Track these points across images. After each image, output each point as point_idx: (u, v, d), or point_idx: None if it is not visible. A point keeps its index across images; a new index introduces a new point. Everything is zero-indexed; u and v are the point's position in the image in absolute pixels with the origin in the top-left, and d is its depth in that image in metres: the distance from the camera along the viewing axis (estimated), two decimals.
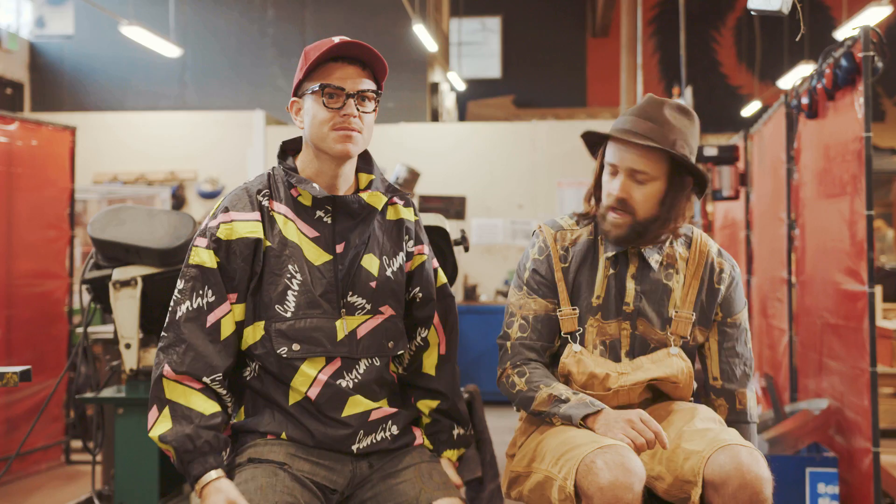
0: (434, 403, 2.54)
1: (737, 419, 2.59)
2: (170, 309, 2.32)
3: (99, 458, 4.15)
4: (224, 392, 2.32)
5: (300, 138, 2.45)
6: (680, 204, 2.48)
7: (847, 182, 4.06)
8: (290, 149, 2.46)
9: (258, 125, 10.01)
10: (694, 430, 2.36)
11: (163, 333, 2.31)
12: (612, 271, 2.53)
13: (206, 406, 2.27)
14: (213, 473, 2.23)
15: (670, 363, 2.50)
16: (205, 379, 2.28)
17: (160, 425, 2.25)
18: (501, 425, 2.93)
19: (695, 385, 2.63)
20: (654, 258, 2.53)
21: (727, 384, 2.59)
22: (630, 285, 2.52)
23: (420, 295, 2.50)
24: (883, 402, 4.49)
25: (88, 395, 3.92)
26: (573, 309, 2.52)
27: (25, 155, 5.78)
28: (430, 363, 2.55)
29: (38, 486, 5.53)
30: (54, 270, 5.98)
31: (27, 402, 5.65)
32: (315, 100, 2.32)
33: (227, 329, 2.31)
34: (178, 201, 9.98)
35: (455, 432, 2.54)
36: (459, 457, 2.57)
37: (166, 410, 2.25)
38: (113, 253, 3.71)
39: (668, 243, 2.55)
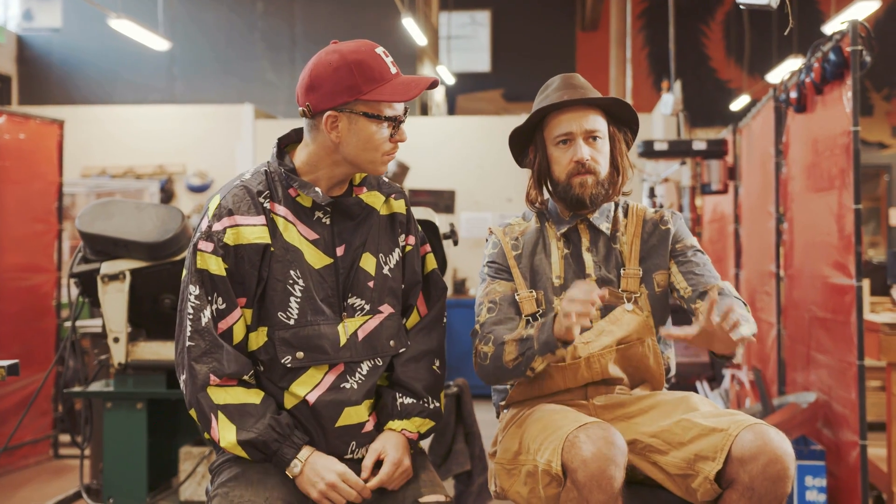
0: (386, 373, 2.47)
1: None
2: (189, 315, 2.27)
3: (87, 452, 4.14)
4: (254, 383, 2.32)
5: (293, 133, 2.41)
6: (624, 158, 2.64)
7: (835, 176, 4.07)
8: (283, 143, 2.41)
9: (247, 119, 9.99)
10: (706, 411, 2.38)
11: (189, 343, 2.26)
12: (566, 251, 2.61)
13: (253, 396, 2.27)
14: (306, 449, 2.27)
15: (629, 320, 2.54)
16: (244, 377, 2.29)
17: (226, 432, 2.24)
18: (490, 419, 2.93)
19: (672, 377, 2.65)
20: (603, 225, 2.62)
21: (696, 287, 2.56)
22: (587, 257, 2.59)
23: (403, 285, 2.49)
24: (870, 396, 4.51)
25: (77, 389, 3.92)
26: (530, 292, 2.58)
27: (13, 148, 5.76)
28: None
29: (26, 481, 5.51)
30: (42, 264, 5.96)
31: (15, 397, 5.63)
32: (376, 126, 2.26)
33: (238, 335, 2.30)
34: (167, 195, 9.96)
35: (399, 401, 2.41)
36: (426, 431, 2.44)
37: (221, 416, 2.24)
38: (101, 247, 3.71)
39: (612, 210, 2.65)
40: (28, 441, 5.75)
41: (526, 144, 2.69)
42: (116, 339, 3.71)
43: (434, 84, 2.30)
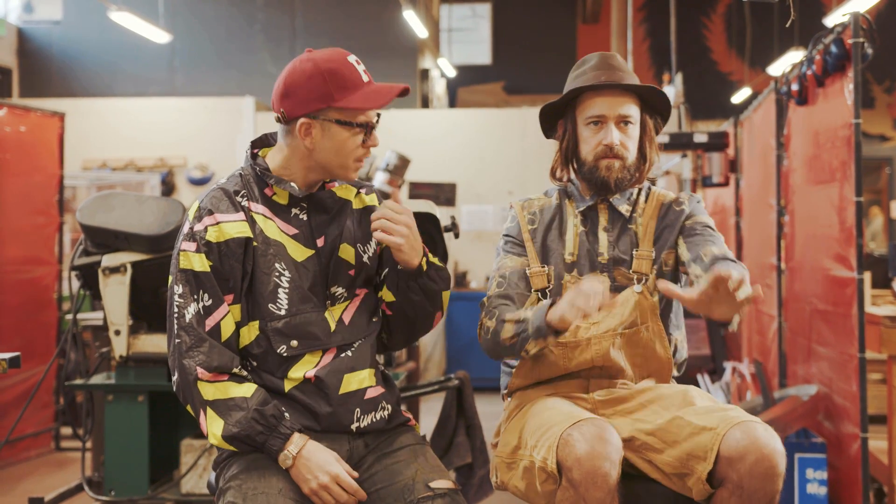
0: None
1: (712, 264, 2.42)
2: (175, 315, 2.31)
3: (89, 444, 4.14)
4: (247, 374, 2.35)
5: (265, 136, 2.47)
6: (652, 145, 2.63)
7: (836, 168, 4.07)
8: (256, 146, 2.47)
9: (248, 111, 9.98)
10: (700, 407, 2.37)
11: (176, 340, 2.30)
12: (583, 229, 2.62)
13: (244, 389, 2.29)
14: (297, 438, 2.27)
15: (636, 303, 2.52)
16: (234, 370, 2.31)
17: (213, 427, 2.26)
18: (492, 412, 2.93)
19: (683, 361, 2.65)
20: (623, 206, 2.62)
21: (695, 251, 2.50)
22: (603, 236, 2.60)
23: (388, 269, 2.51)
24: (871, 388, 4.50)
25: (78, 381, 3.91)
26: (542, 267, 2.60)
27: (14, 141, 5.76)
28: None
29: (27, 473, 5.52)
30: (43, 257, 5.96)
31: (16, 389, 5.64)
32: (348, 133, 2.32)
33: (227, 330, 2.33)
34: (168, 188, 9.96)
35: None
36: (437, 265, 2.48)
37: (210, 412, 2.27)
38: (102, 239, 3.71)
39: (634, 193, 2.65)
40: (29, 434, 5.76)
41: (556, 117, 2.71)
42: (118, 332, 3.72)
43: (405, 91, 2.34)
